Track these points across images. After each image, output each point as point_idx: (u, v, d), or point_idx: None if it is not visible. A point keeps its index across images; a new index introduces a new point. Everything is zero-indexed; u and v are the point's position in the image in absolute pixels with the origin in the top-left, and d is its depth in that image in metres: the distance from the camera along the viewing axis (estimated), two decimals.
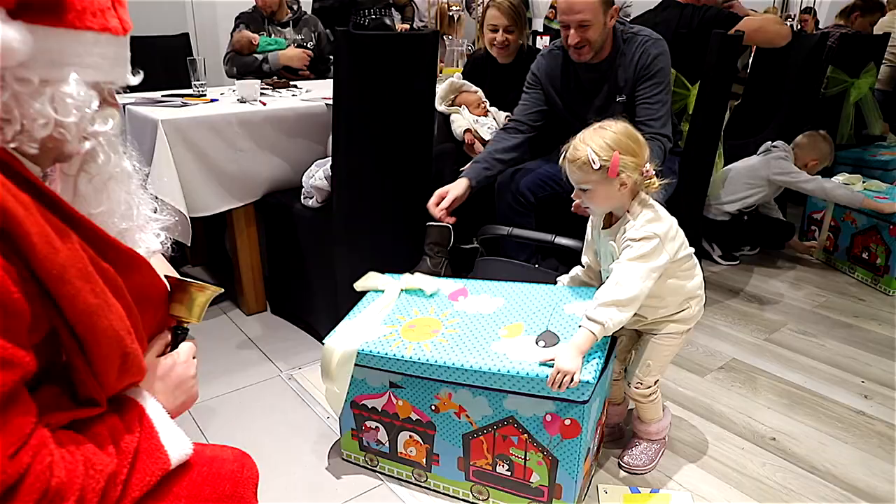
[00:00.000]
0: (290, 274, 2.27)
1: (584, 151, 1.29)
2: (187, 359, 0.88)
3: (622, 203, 1.34)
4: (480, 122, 2.46)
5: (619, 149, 1.28)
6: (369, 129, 1.94)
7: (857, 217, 2.76)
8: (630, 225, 1.32)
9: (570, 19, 1.84)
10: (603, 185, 1.30)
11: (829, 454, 1.61)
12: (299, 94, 2.53)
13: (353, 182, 1.97)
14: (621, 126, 1.32)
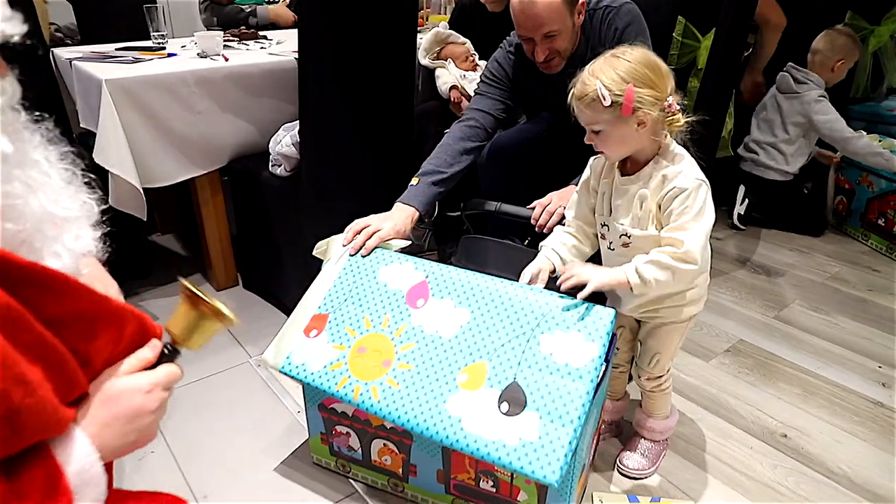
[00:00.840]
0: (261, 247, 2.08)
1: (592, 86, 1.07)
2: (153, 387, 0.69)
3: (642, 145, 1.13)
4: (468, 77, 2.24)
5: (633, 81, 1.06)
6: (340, 87, 1.71)
7: (874, 180, 2.57)
8: (673, 170, 1.11)
9: (534, 34, 1.52)
10: (617, 124, 1.09)
11: (846, 454, 1.48)
12: (268, 46, 2.28)
13: (323, 148, 1.76)
14: (638, 53, 1.09)
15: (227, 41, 2.26)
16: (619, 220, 1.19)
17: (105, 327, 0.68)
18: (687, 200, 1.09)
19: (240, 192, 2.09)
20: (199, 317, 0.75)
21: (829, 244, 2.61)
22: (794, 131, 2.56)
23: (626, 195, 1.18)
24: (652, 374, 1.35)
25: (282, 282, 2.03)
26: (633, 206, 1.16)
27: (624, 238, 1.19)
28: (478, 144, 1.68)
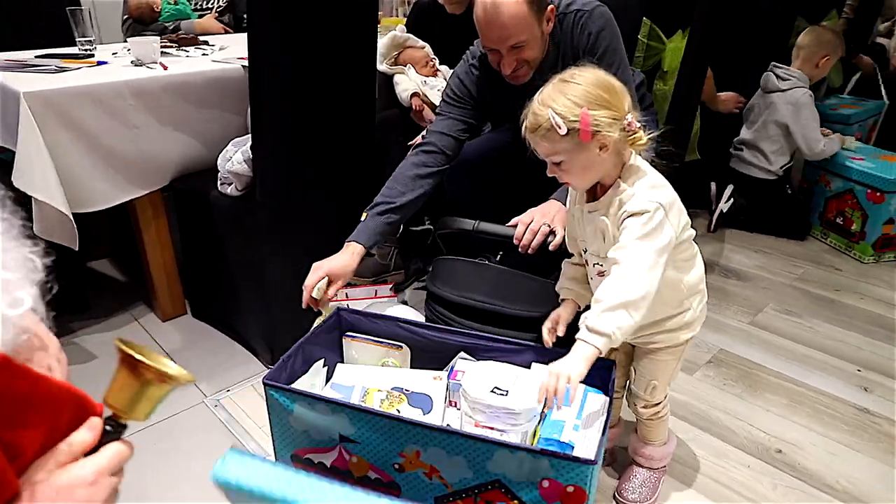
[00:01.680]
0: (212, 272, 1.90)
1: (545, 115, 1.00)
2: (98, 476, 0.55)
3: (607, 170, 1.05)
4: (429, 83, 2.12)
5: (587, 104, 0.98)
6: (296, 96, 1.57)
7: (831, 180, 2.60)
8: (628, 194, 1.04)
9: (501, 46, 1.41)
10: (578, 152, 1.01)
11: (842, 467, 1.44)
12: (211, 52, 2.10)
13: (278, 164, 1.61)
14: (588, 74, 1.02)
15: (164, 48, 2.07)
16: (589, 246, 1.14)
17: (39, 412, 0.54)
18: (634, 220, 1.01)
19: (185, 213, 1.91)
20: (142, 384, 0.60)
21: (791, 244, 2.62)
22: (775, 130, 2.56)
23: (591, 224, 1.11)
24: (649, 401, 1.27)
25: (235, 309, 1.86)
26: (598, 235, 1.09)
27: (598, 267, 1.12)
28: (435, 170, 1.55)
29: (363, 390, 1.27)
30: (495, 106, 1.63)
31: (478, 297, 1.41)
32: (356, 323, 1.40)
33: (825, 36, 2.61)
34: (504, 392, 1.11)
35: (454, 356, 1.33)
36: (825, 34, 2.62)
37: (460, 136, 1.59)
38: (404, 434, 1.04)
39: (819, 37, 2.59)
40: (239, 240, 1.74)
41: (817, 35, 2.60)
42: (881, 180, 2.39)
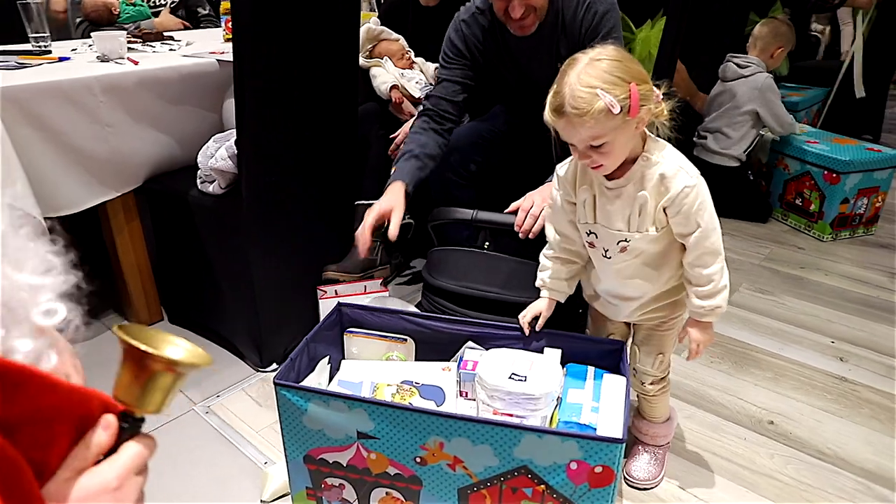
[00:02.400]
0: (192, 275, 1.83)
1: (590, 97, 0.95)
2: (122, 480, 0.51)
3: (635, 145, 1.06)
4: (407, 75, 2.11)
5: (632, 79, 0.97)
6: (281, 92, 1.53)
7: (789, 163, 2.71)
8: (671, 168, 1.04)
9: None
10: (622, 131, 0.99)
11: (830, 434, 1.50)
12: (179, 48, 2.03)
13: (264, 160, 1.56)
14: (611, 50, 1.00)
15: (130, 43, 1.98)
16: (614, 225, 1.11)
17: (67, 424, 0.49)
18: (699, 197, 1.05)
19: (161, 214, 1.83)
20: (152, 375, 0.55)
21: (754, 226, 2.72)
22: (740, 116, 2.64)
23: (619, 199, 1.09)
24: (657, 376, 1.29)
25: (219, 312, 1.80)
26: (630, 211, 1.09)
27: (622, 244, 1.12)
28: (441, 132, 1.61)
29: (372, 385, 1.25)
30: (485, 62, 1.65)
31: (479, 285, 1.41)
32: (357, 318, 1.37)
33: (781, 28, 2.71)
34: (522, 378, 1.11)
35: (460, 347, 1.32)
36: (781, 26, 2.72)
37: (456, 98, 1.63)
38: (427, 426, 1.03)
39: (776, 28, 2.69)
40: (222, 240, 1.68)
41: (774, 27, 2.70)
42: (836, 162, 2.50)
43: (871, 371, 1.74)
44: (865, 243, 2.56)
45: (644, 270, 1.14)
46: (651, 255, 1.13)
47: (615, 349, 1.22)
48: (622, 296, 1.20)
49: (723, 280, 1.10)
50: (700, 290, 1.11)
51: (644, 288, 1.16)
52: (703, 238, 1.06)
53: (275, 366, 1.73)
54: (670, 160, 1.07)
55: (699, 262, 1.09)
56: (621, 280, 1.16)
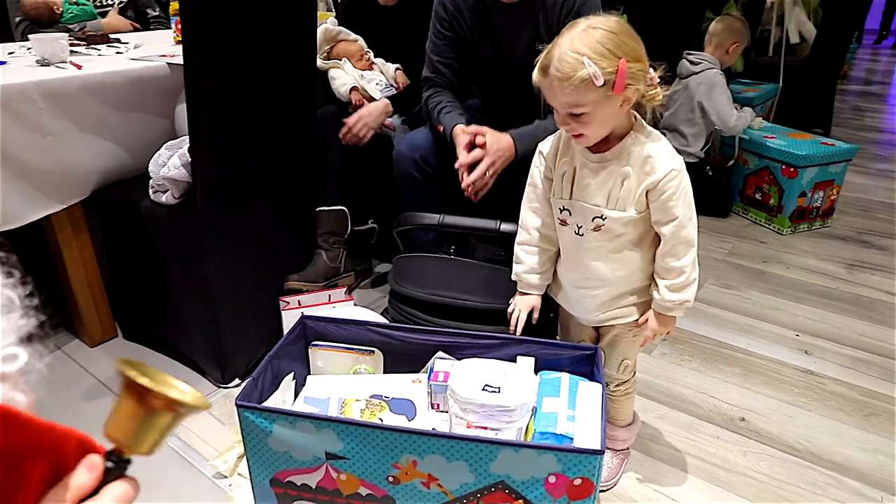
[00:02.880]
0: (147, 289, 1.75)
1: (576, 63, 0.94)
2: None
3: (618, 123, 1.04)
4: (366, 77, 2.05)
5: (623, 55, 0.95)
6: (235, 96, 1.47)
7: (749, 158, 2.75)
8: (658, 150, 1.04)
9: None
10: (604, 104, 0.97)
11: (800, 428, 1.51)
12: (126, 51, 1.93)
13: (219, 167, 1.50)
14: (613, 21, 0.97)
15: (71, 46, 1.88)
16: (592, 200, 1.09)
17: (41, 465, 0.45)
18: (682, 183, 1.03)
19: (111, 226, 1.74)
20: (150, 413, 0.52)
21: (716, 222, 2.75)
22: (692, 112, 2.66)
23: (601, 173, 1.07)
24: (621, 379, 1.28)
25: (177, 327, 1.72)
26: (612, 186, 1.06)
27: (597, 221, 1.09)
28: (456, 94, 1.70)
29: (340, 401, 1.20)
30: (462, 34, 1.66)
31: (448, 293, 1.38)
32: (322, 331, 1.32)
33: (735, 24, 2.74)
34: (496, 389, 1.08)
35: (430, 357, 1.28)
36: (735, 23, 2.75)
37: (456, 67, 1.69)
38: (399, 444, 0.99)
39: (731, 25, 2.73)
40: (177, 251, 1.61)
41: (729, 23, 2.73)
42: (794, 156, 2.54)
43: (835, 363, 1.76)
44: (822, 235, 2.61)
45: (613, 257, 1.12)
46: (624, 242, 1.10)
47: (588, 354, 1.20)
48: (587, 285, 1.17)
49: (693, 273, 1.09)
50: (671, 283, 1.09)
51: (610, 276, 1.13)
52: (680, 228, 1.05)
53: (237, 381, 1.67)
54: (659, 143, 1.06)
55: (672, 253, 1.07)
56: (589, 263, 1.13)
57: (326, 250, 1.84)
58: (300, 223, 1.82)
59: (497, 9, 1.60)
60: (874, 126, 4.51)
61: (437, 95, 1.68)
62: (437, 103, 1.65)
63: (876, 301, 2.09)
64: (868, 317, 1.99)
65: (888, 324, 1.95)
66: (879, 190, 3.15)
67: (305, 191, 1.80)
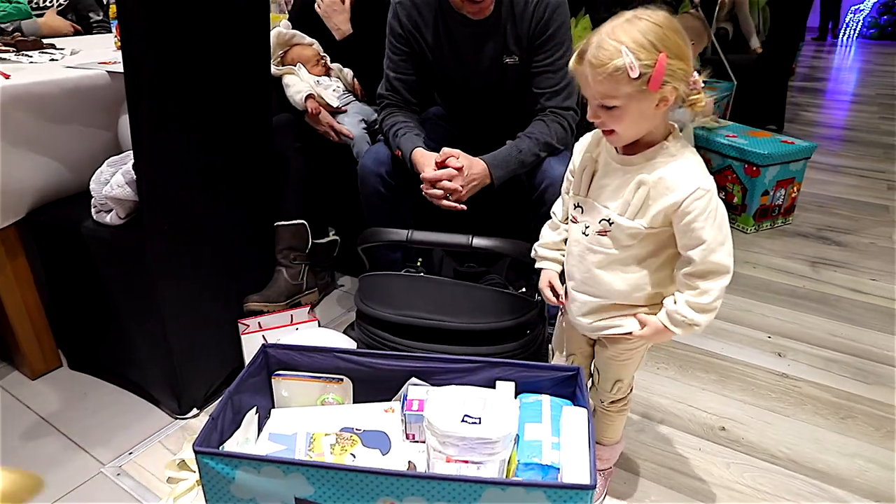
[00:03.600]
0: (92, 315, 1.62)
1: (614, 52, 0.88)
2: None
3: (653, 126, 0.97)
4: (323, 83, 1.96)
5: (665, 49, 0.89)
6: (183, 106, 1.36)
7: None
8: (686, 165, 0.96)
9: None
10: (638, 100, 0.91)
11: (780, 435, 1.49)
12: (62, 57, 1.79)
13: (168, 184, 1.39)
14: (661, 15, 0.91)
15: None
16: (604, 201, 1.03)
17: None
18: (711, 205, 0.95)
19: (50, 249, 1.61)
20: None
21: None
22: None
23: (619, 176, 1.01)
24: (615, 397, 1.23)
25: (127, 354, 1.60)
26: (626, 191, 0.99)
27: (604, 224, 1.02)
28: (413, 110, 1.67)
29: (308, 437, 1.11)
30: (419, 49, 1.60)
31: (419, 313, 1.30)
32: (285, 359, 1.22)
33: (692, 23, 2.74)
34: (476, 420, 1.01)
35: (402, 383, 1.21)
36: (692, 21, 2.75)
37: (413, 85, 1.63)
38: (376, 486, 0.91)
39: (686, 24, 2.72)
40: (124, 274, 1.49)
41: (685, 23, 2.73)
42: (756, 155, 2.55)
43: (808, 364, 1.76)
44: (785, 233, 2.63)
45: (616, 268, 1.05)
46: (629, 256, 1.03)
47: (570, 376, 1.14)
48: (584, 290, 1.10)
49: (718, 301, 1.00)
50: (693, 300, 0.99)
51: (608, 288, 1.06)
52: (709, 252, 0.96)
53: (195, 411, 1.56)
54: (688, 160, 0.98)
55: (702, 276, 0.98)
56: (589, 267, 1.06)
57: (287, 267, 1.74)
58: (258, 239, 1.72)
59: (459, 22, 1.53)
60: (821, 121, 4.63)
61: (392, 116, 1.61)
62: (393, 125, 1.58)
63: (842, 299, 2.10)
64: (835, 315, 2.00)
65: (856, 322, 1.97)
66: (834, 185, 3.21)
67: (262, 205, 1.70)
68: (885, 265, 2.34)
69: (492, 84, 1.60)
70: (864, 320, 1.97)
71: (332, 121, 1.89)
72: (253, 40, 1.51)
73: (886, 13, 9.20)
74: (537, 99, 1.54)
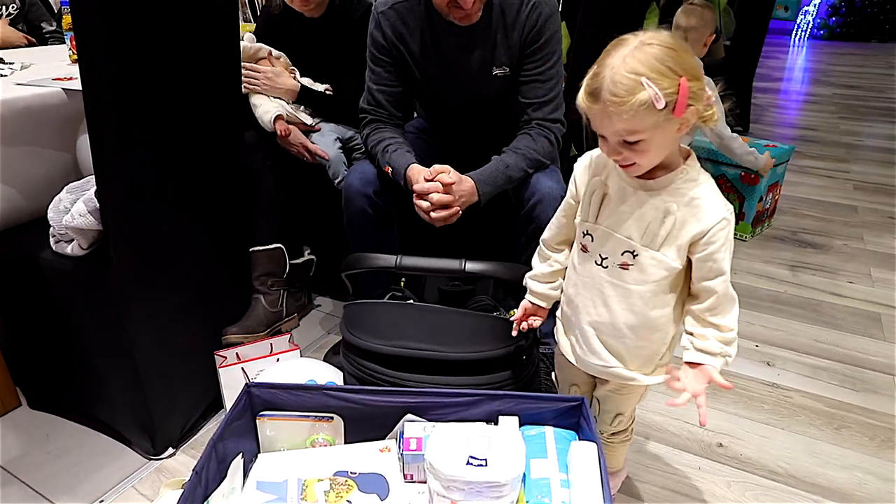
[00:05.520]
0: (54, 351, 1.51)
1: (633, 85, 0.82)
2: None
3: (673, 150, 0.93)
4: None
5: (684, 73, 0.84)
6: (148, 125, 1.27)
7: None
8: (708, 191, 0.92)
9: None
10: (662, 129, 0.86)
11: (777, 449, 1.47)
12: (11, 73, 1.67)
13: (134, 212, 1.29)
14: (666, 36, 0.86)
15: None
16: (623, 231, 0.96)
17: None
18: (729, 233, 0.91)
19: (4, 281, 1.48)
20: None
21: None
22: None
23: (640, 202, 0.94)
24: (614, 430, 1.18)
25: (93, 392, 1.49)
26: (650, 220, 0.93)
27: (626, 256, 0.96)
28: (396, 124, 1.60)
29: (300, 484, 1.04)
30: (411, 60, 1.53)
31: (411, 343, 1.23)
32: (270, 398, 1.15)
33: (707, 14, 2.37)
34: (483, 461, 0.95)
35: (397, 420, 1.14)
36: (706, 12, 2.38)
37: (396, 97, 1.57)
38: None
39: (703, 15, 2.36)
40: (89, 308, 1.38)
41: (701, 13, 2.37)
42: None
43: (797, 373, 1.75)
44: (765, 237, 2.64)
45: (635, 303, 0.98)
46: (651, 290, 0.97)
47: (574, 406, 1.09)
48: (596, 327, 1.03)
49: (735, 331, 0.97)
50: (717, 334, 0.96)
51: (625, 324, 1.00)
52: (727, 283, 0.93)
53: (171, 451, 1.46)
54: (710, 185, 0.94)
55: (717, 311, 0.95)
56: (605, 303, 1.00)
57: (265, 294, 1.65)
58: (232, 265, 1.63)
59: (447, 31, 1.47)
60: (782, 122, 4.71)
61: (379, 132, 1.54)
62: (380, 141, 1.51)
63: (823, 303, 2.11)
64: (819, 321, 2.01)
65: (839, 327, 1.97)
66: (802, 186, 3.25)
67: (235, 228, 1.61)
68: (860, 267, 2.36)
69: (479, 95, 1.54)
70: (846, 325, 1.98)
71: (305, 140, 1.80)
72: (222, 52, 1.43)
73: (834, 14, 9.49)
74: (524, 109, 1.49)
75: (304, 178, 1.88)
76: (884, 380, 1.72)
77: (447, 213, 1.36)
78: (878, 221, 2.80)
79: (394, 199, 1.48)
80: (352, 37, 1.81)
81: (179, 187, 1.38)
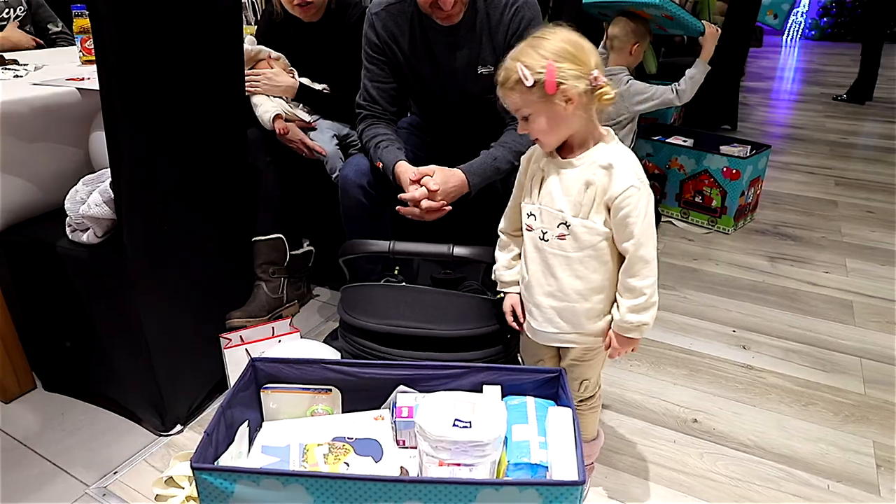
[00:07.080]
0: (69, 335, 1.60)
1: (514, 68, 1.04)
2: None
3: (576, 126, 1.08)
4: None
5: (553, 57, 1.02)
6: (160, 123, 1.36)
7: (684, 163, 2.81)
8: (622, 162, 1.06)
9: None
10: (545, 105, 1.04)
11: (748, 424, 1.57)
12: (26, 74, 1.76)
13: (147, 202, 1.39)
14: (559, 32, 1.05)
15: None
16: (556, 205, 1.10)
17: None
18: (641, 202, 1.04)
19: (22, 268, 1.58)
20: None
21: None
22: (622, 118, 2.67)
23: (565, 178, 1.09)
24: (583, 396, 1.28)
25: (105, 373, 1.58)
26: (576, 191, 1.07)
27: (562, 228, 1.09)
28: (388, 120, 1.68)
29: (301, 448, 1.13)
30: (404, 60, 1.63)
31: (403, 322, 1.33)
32: (274, 372, 1.24)
33: (631, 25, 2.58)
34: (467, 424, 1.05)
35: (390, 392, 1.24)
36: (630, 24, 2.58)
37: (390, 94, 1.65)
38: (374, 493, 0.94)
39: (626, 26, 2.57)
40: (103, 294, 1.48)
41: (624, 24, 2.57)
42: (735, 160, 2.63)
43: (771, 356, 1.85)
44: (747, 231, 2.75)
45: (576, 269, 1.11)
46: (587, 255, 1.09)
47: (552, 377, 1.19)
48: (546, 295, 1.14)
49: (654, 296, 1.09)
50: (632, 303, 1.09)
51: (570, 290, 1.11)
52: (638, 246, 1.05)
53: (179, 427, 1.55)
54: (624, 156, 1.08)
55: (632, 272, 1.07)
56: (551, 272, 1.12)
57: (266, 281, 1.75)
58: (236, 254, 1.73)
59: (436, 31, 1.57)
60: (770, 121, 4.82)
61: (373, 128, 1.63)
62: (373, 136, 1.60)
63: (799, 292, 2.21)
64: (794, 308, 2.11)
65: (812, 313, 2.07)
66: (786, 182, 3.36)
67: (239, 220, 1.70)
68: (836, 258, 2.47)
69: (467, 93, 1.64)
70: (819, 311, 2.09)
71: (303, 137, 1.90)
72: (227, 53, 1.52)
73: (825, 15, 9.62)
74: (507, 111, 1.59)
75: (304, 173, 1.98)
76: (851, 361, 1.83)
77: (437, 215, 1.47)
78: (856, 215, 2.91)
79: (387, 190, 1.57)
80: (347, 40, 1.91)
81: (188, 180, 1.48)
